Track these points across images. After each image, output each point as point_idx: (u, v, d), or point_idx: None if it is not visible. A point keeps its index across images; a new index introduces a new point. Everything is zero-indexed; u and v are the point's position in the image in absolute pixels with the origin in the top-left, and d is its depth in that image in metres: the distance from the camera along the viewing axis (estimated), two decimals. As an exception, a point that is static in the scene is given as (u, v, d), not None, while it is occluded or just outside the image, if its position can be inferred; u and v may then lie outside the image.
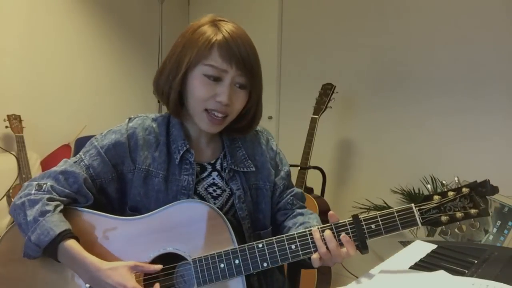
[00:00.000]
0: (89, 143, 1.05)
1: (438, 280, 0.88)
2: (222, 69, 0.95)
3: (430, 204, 0.91)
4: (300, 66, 3.09)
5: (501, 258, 1.02)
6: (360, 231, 0.92)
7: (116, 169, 1.03)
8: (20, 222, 0.94)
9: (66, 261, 0.92)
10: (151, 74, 3.66)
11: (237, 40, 0.95)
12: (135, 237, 0.97)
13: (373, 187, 2.71)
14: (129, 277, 0.88)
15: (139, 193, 1.03)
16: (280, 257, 0.92)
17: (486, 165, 2.31)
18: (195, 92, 0.98)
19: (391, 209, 0.93)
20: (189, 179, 1.03)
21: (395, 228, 0.91)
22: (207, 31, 0.97)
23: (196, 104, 0.99)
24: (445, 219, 0.90)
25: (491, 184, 0.90)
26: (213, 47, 0.95)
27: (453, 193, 0.91)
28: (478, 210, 0.89)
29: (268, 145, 1.16)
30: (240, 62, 0.95)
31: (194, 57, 0.96)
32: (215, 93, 0.97)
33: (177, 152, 1.04)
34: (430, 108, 2.51)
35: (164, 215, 0.98)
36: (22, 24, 2.73)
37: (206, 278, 0.92)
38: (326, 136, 2.84)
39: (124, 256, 0.95)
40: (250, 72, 0.98)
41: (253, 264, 0.92)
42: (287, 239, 0.93)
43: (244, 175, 1.10)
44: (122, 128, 1.05)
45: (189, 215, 0.97)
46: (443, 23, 2.45)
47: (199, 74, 0.97)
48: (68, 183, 0.99)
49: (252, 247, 0.93)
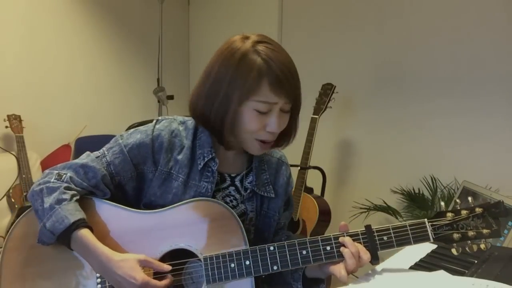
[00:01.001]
0: (113, 140, 1.06)
1: (438, 280, 0.88)
2: (273, 103, 0.95)
3: (443, 220, 0.93)
4: (300, 66, 3.06)
5: (501, 258, 1.02)
6: (372, 242, 0.93)
7: (137, 168, 1.03)
8: (37, 208, 0.95)
9: (78, 249, 0.93)
10: (151, 74, 3.64)
11: (284, 69, 0.95)
12: (148, 230, 0.98)
13: (373, 187, 2.71)
14: (139, 270, 0.89)
15: (156, 194, 1.04)
16: (290, 262, 0.93)
17: (486, 165, 2.31)
18: (246, 126, 0.97)
19: (404, 222, 0.94)
20: (208, 187, 1.04)
21: (407, 242, 0.92)
22: (254, 62, 0.93)
23: (247, 135, 0.99)
24: (457, 237, 0.91)
25: (504, 205, 0.90)
26: (262, 81, 0.93)
27: (466, 212, 0.92)
28: (490, 231, 0.90)
29: (289, 180, 1.18)
30: (289, 92, 0.96)
31: (245, 94, 0.94)
32: (265, 123, 0.97)
33: (201, 158, 1.04)
34: (430, 108, 2.51)
35: (178, 211, 0.99)
36: (22, 24, 2.73)
37: (216, 276, 0.93)
38: (326, 136, 2.84)
39: (135, 249, 0.96)
40: (295, 97, 0.99)
41: (263, 266, 0.93)
42: (299, 244, 0.94)
43: (261, 199, 1.11)
44: (149, 129, 1.05)
45: (203, 213, 0.98)
46: (443, 23, 2.45)
47: (249, 109, 0.96)
48: (87, 177, 1.00)
49: (263, 249, 0.94)
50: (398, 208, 2.55)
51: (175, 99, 3.25)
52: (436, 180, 2.44)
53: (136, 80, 3.42)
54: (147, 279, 0.88)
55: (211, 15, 3.58)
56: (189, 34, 3.75)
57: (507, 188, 1.93)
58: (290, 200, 1.21)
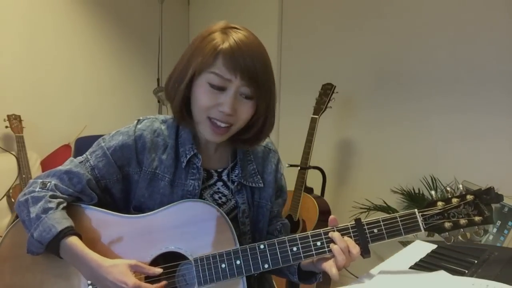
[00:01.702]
0: (96, 144, 1.05)
1: (438, 280, 0.88)
2: (226, 79, 0.93)
3: (433, 210, 0.91)
4: (300, 66, 3.09)
5: (501, 258, 1.02)
6: (363, 235, 0.92)
7: (122, 170, 1.03)
8: (24, 219, 0.95)
9: (68, 257, 0.92)
10: (151, 74, 3.64)
11: (243, 49, 0.93)
12: (138, 235, 0.97)
13: (373, 187, 2.71)
14: (130, 274, 0.88)
15: (144, 195, 1.03)
16: (281, 259, 0.93)
17: (486, 165, 2.31)
18: (199, 100, 0.96)
19: (394, 214, 0.93)
20: (195, 184, 1.03)
21: (397, 233, 0.91)
22: (215, 38, 0.94)
23: (199, 112, 0.97)
24: (448, 226, 0.90)
25: (495, 191, 0.89)
26: (218, 55, 0.93)
27: (457, 200, 0.90)
28: (483, 218, 0.88)
29: (277, 167, 1.16)
30: (244, 72, 0.92)
31: (200, 64, 0.94)
32: (218, 102, 0.95)
33: (184, 156, 1.03)
34: (430, 108, 2.51)
35: (166, 214, 0.98)
36: (22, 24, 2.73)
37: (207, 277, 0.92)
38: (326, 136, 2.84)
39: (126, 254, 0.95)
40: (255, 83, 0.94)
41: (254, 265, 0.92)
42: (289, 241, 0.93)
43: (251, 190, 1.10)
44: (130, 130, 1.04)
45: (191, 215, 0.97)
46: (443, 22, 2.45)
47: (203, 82, 0.95)
48: (72, 183, 0.99)
49: (253, 248, 0.93)
50: (398, 208, 2.55)
51: (175, 99, 3.25)
52: (436, 180, 2.44)
53: (136, 80, 3.42)
54: (138, 283, 0.87)
55: (211, 15, 3.58)
56: (189, 34, 3.74)
57: (507, 188, 1.93)
58: (283, 187, 1.19)
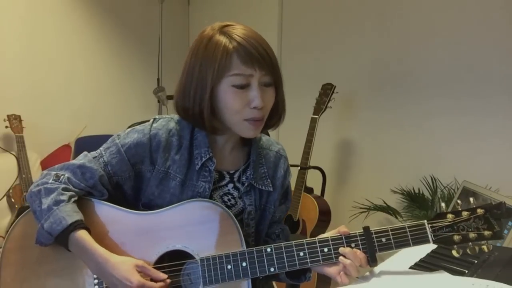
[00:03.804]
0: (111, 140, 1.06)
1: (438, 280, 0.88)
2: (247, 75, 0.94)
3: (443, 222, 0.91)
4: (300, 66, 3.09)
5: (501, 258, 1.02)
6: (371, 244, 0.92)
7: (135, 168, 1.03)
8: (35, 209, 0.95)
9: (76, 250, 0.93)
10: (151, 74, 3.64)
11: (251, 41, 0.94)
12: (145, 232, 0.98)
13: (373, 187, 2.71)
14: (135, 272, 0.89)
15: (154, 193, 1.03)
16: (287, 263, 0.93)
17: (486, 165, 2.31)
18: (229, 105, 0.96)
19: (403, 224, 0.93)
20: (206, 186, 1.03)
21: (406, 244, 0.91)
22: (220, 41, 0.95)
23: (233, 116, 0.98)
24: (457, 239, 0.89)
25: (507, 206, 0.88)
26: (232, 56, 0.94)
27: (467, 213, 0.90)
28: (492, 232, 0.88)
29: (286, 173, 1.17)
30: (261, 61, 0.94)
31: (217, 71, 0.94)
32: (248, 100, 0.96)
33: (199, 158, 1.03)
34: (430, 108, 2.51)
35: (175, 212, 0.98)
36: (22, 24, 2.73)
37: (213, 278, 0.93)
38: (326, 136, 2.84)
39: (133, 250, 0.96)
40: (272, 69, 0.97)
41: (260, 268, 0.93)
42: (296, 246, 0.94)
43: (259, 193, 1.11)
44: (146, 128, 1.04)
45: (199, 214, 0.97)
46: (443, 23, 2.45)
47: (227, 86, 0.95)
48: (85, 178, 1.00)
49: (260, 251, 0.93)
50: (398, 208, 2.55)
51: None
52: (436, 180, 2.44)
53: (136, 80, 3.42)
54: (142, 282, 0.88)
55: (211, 15, 3.58)
56: (189, 34, 3.74)
57: (507, 188, 1.93)
58: (288, 194, 1.20)
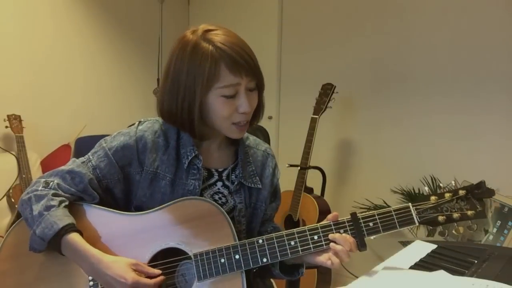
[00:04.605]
0: (98, 144, 1.07)
1: (438, 280, 0.89)
2: (235, 84, 0.96)
3: (427, 204, 0.94)
4: (300, 66, 3.09)
5: (501, 258, 1.02)
6: (359, 229, 0.95)
7: (123, 170, 1.04)
8: (27, 217, 0.96)
9: (69, 254, 0.94)
10: (151, 74, 3.64)
11: (235, 48, 0.95)
12: (138, 232, 0.99)
13: (373, 187, 2.71)
14: (129, 271, 0.90)
15: (145, 194, 1.04)
16: (279, 253, 0.95)
17: (486, 165, 2.31)
18: (218, 112, 0.98)
19: (389, 207, 0.96)
20: (196, 184, 1.04)
21: (392, 226, 0.94)
22: (206, 50, 0.95)
23: (222, 121, 1.00)
24: (442, 219, 0.93)
25: (487, 186, 0.92)
26: (219, 65, 0.94)
27: (449, 195, 0.94)
28: (475, 212, 0.91)
29: (274, 171, 1.19)
30: (247, 68, 0.96)
31: (206, 82, 0.95)
32: (236, 106, 0.98)
33: (185, 157, 1.04)
34: (430, 108, 2.51)
35: (166, 211, 0.99)
36: (22, 24, 2.73)
37: (207, 272, 0.94)
38: (326, 136, 2.84)
39: (126, 251, 0.97)
40: (257, 73, 1.00)
41: (253, 260, 0.94)
42: (287, 235, 0.95)
43: (249, 191, 1.12)
44: (131, 131, 1.06)
45: (191, 212, 0.98)
46: (443, 23, 2.45)
47: (216, 96, 0.97)
48: (74, 183, 1.01)
49: (252, 243, 0.95)
50: (398, 208, 2.55)
51: (175, 99, 3.25)
52: (436, 180, 2.44)
53: (136, 80, 3.42)
54: (137, 279, 0.89)
55: (211, 15, 3.58)
56: (189, 34, 3.74)
57: (507, 188, 1.93)
58: (277, 192, 1.22)
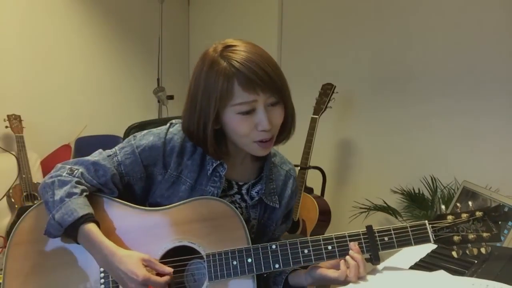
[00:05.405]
0: (126, 140, 1.07)
1: (438, 280, 0.89)
2: (251, 101, 0.93)
3: (443, 223, 0.94)
4: (300, 66, 3.09)
5: (501, 258, 1.02)
6: (373, 243, 0.94)
7: (147, 169, 1.04)
8: (47, 200, 0.97)
9: (84, 243, 0.94)
10: (151, 74, 3.64)
11: (252, 65, 0.91)
12: (152, 227, 0.99)
13: (373, 187, 2.71)
14: (141, 267, 0.90)
15: (162, 195, 1.05)
16: (292, 260, 0.94)
17: (486, 165, 2.31)
18: (237, 130, 0.96)
19: (405, 223, 0.95)
20: (214, 192, 1.04)
21: (407, 243, 0.94)
22: (221, 68, 0.92)
23: (242, 139, 0.98)
24: (457, 239, 0.93)
25: (504, 209, 0.93)
26: (233, 84, 0.92)
27: (466, 215, 0.93)
28: (490, 234, 0.91)
29: (293, 194, 1.18)
30: (263, 85, 0.92)
31: (219, 101, 0.93)
32: (254, 124, 0.95)
33: (210, 164, 1.04)
34: (430, 108, 2.51)
35: (182, 209, 1.00)
36: (22, 24, 2.73)
37: (218, 273, 0.94)
38: (326, 136, 2.84)
39: (139, 245, 0.97)
40: (276, 88, 0.94)
41: (265, 264, 0.94)
42: (300, 243, 0.95)
43: (265, 208, 1.11)
44: (162, 132, 1.05)
45: (206, 211, 0.99)
46: (443, 23, 2.45)
47: (232, 114, 0.95)
48: (97, 175, 1.01)
49: (265, 247, 0.95)
50: (398, 208, 2.55)
51: (175, 99, 3.25)
52: (436, 180, 2.44)
53: (136, 80, 3.42)
54: (148, 276, 0.89)
55: (211, 15, 3.58)
56: (189, 34, 3.75)
57: (507, 188, 1.93)
58: (290, 214, 1.21)
